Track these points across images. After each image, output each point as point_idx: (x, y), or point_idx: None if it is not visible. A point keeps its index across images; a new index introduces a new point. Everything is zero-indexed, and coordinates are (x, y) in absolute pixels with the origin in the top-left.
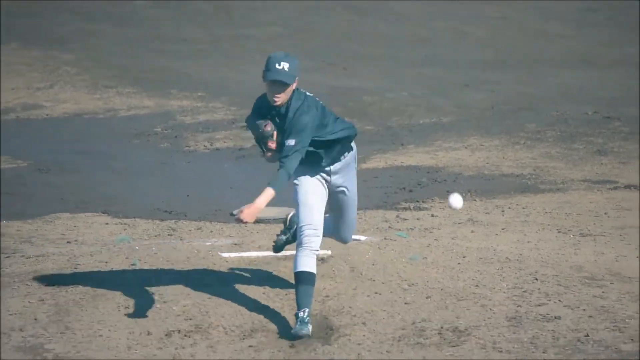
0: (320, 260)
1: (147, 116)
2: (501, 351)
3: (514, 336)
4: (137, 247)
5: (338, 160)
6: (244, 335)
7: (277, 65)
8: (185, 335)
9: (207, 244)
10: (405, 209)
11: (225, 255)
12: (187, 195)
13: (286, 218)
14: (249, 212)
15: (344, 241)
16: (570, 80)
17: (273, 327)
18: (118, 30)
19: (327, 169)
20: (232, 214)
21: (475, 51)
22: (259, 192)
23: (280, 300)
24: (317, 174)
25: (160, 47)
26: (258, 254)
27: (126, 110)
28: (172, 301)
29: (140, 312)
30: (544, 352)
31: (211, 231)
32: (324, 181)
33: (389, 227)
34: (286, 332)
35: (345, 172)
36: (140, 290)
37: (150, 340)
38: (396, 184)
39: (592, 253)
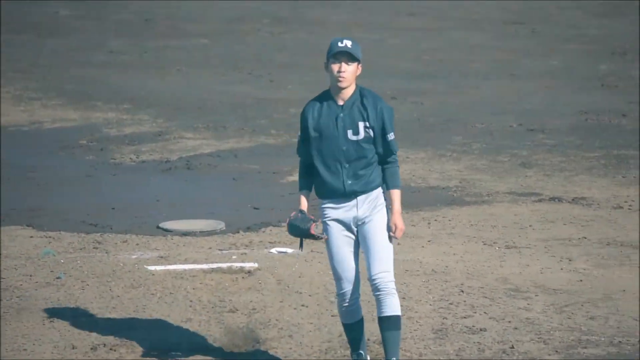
0: (247, 273)
1: (73, 128)
2: None
3: (440, 348)
4: (62, 261)
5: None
6: (170, 349)
7: (339, 43)
8: (110, 349)
9: (133, 257)
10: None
11: (152, 268)
12: (113, 208)
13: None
14: (400, 221)
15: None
16: (495, 92)
17: (199, 340)
18: (42, 41)
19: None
20: (390, 235)
21: (399, 63)
22: (187, 204)
23: (207, 314)
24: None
25: (86, 59)
26: (184, 267)
27: (51, 123)
28: (98, 315)
29: (65, 325)
30: None
31: (137, 244)
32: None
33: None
34: (212, 345)
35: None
36: (66, 303)
37: (75, 354)
38: None
39: (517, 265)
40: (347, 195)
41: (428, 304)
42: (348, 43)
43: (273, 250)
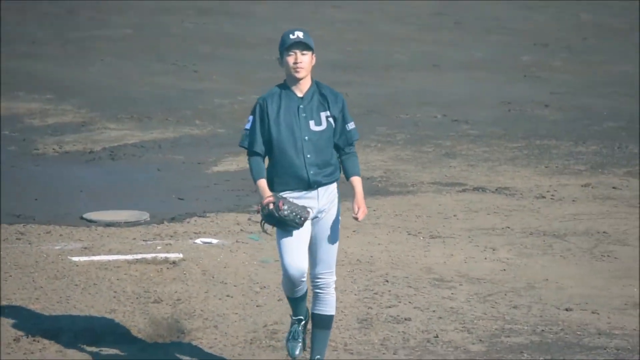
0: (172, 263)
1: None
2: (352, 353)
3: (365, 338)
4: None
5: None
6: (95, 339)
7: (291, 35)
8: (34, 340)
9: (57, 247)
10: (257, 211)
11: (75, 259)
12: (36, 199)
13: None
14: (364, 204)
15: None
16: (419, 83)
17: (123, 330)
18: None
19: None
20: (355, 218)
21: (323, 54)
22: (111, 195)
23: (131, 304)
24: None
25: (8, 50)
26: (108, 258)
27: None
28: (21, 306)
29: None
30: (394, 354)
31: (61, 235)
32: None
33: (241, 230)
34: (137, 335)
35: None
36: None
37: None
38: (248, 187)
39: (441, 255)
40: (310, 186)
41: (353, 294)
42: (300, 34)
43: (198, 240)
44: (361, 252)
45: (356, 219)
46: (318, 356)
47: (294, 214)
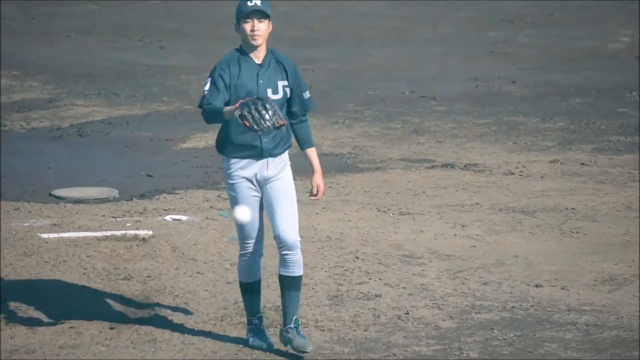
0: (142, 240)
1: None
2: (323, 329)
3: (336, 314)
4: None
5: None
6: (65, 318)
7: (249, 2)
8: (4, 318)
9: (26, 224)
10: (225, 188)
11: (45, 236)
12: (4, 176)
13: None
14: (322, 181)
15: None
16: (386, 60)
17: (94, 308)
18: None
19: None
20: (311, 196)
21: (290, 31)
22: (79, 172)
23: (101, 281)
24: None
25: None
26: (78, 235)
27: None
28: None
29: None
30: (365, 330)
31: (29, 212)
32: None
33: (210, 206)
34: (107, 312)
35: None
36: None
37: None
38: (217, 164)
39: (411, 231)
40: (262, 155)
41: (323, 271)
42: (257, 2)
43: (167, 217)
44: (331, 229)
45: (315, 197)
46: (295, 316)
47: (275, 113)
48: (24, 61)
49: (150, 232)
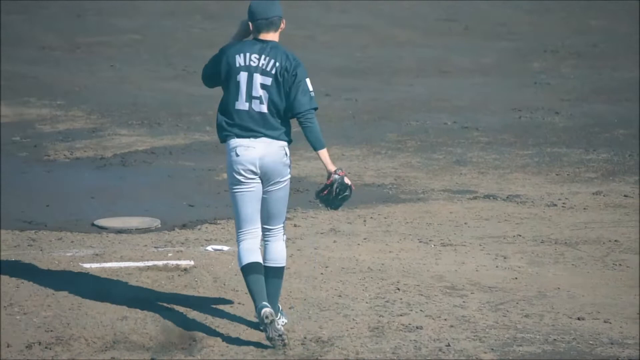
0: (183, 270)
1: (5, 125)
2: None
3: (377, 346)
4: None
5: None
6: (106, 347)
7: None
8: (46, 347)
9: (68, 254)
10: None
11: (87, 265)
12: (47, 205)
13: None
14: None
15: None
16: (428, 89)
17: (135, 338)
18: None
19: None
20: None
21: (332, 60)
22: (122, 201)
23: (143, 311)
24: None
25: (17, 55)
26: (119, 265)
27: None
28: (33, 313)
29: None
30: None
31: (72, 241)
32: None
33: None
34: (148, 343)
35: None
36: (0, 301)
37: (10, 353)
38: None
39: (452, 263)
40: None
41: (364, 302)
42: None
43: (209, 247)
44: (372, 260)
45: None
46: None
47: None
48: (68, 91)
49: (192, 263)
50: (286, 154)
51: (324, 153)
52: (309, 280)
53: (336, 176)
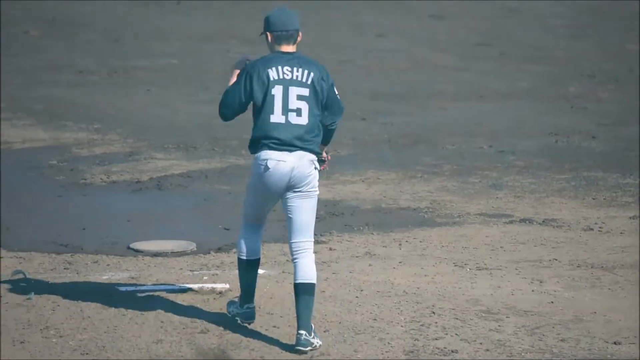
0: (219, 294)
1: (43, 149)
2: None
3: None
4: (33, 281)
5: None
6: None
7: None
8: None
9: (104, 277)
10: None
11: (122, 289)
12: (84, 229)
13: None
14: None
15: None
16: (464, 113)
17: None
18: (10, 60)
19: None
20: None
21: (367, 84)
22: (158, 225)
23: (178, 334)
24: None
25: (54, 79)
26: (155, 288)
27: (21, 143)
28: (69, 335)
29: (36, 347)
30: None
31: (108, 265)
32: None
33: (287, 260)
34: None
35: None
36: (37, 324)
37: None
38: None
39: (488, 287)
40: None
41: (399, 326)
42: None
43: None
44: (407, 283)
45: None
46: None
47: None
48: (105, 115)
49: (227, 286)
50: (316, 167)
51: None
52: (344, 303)
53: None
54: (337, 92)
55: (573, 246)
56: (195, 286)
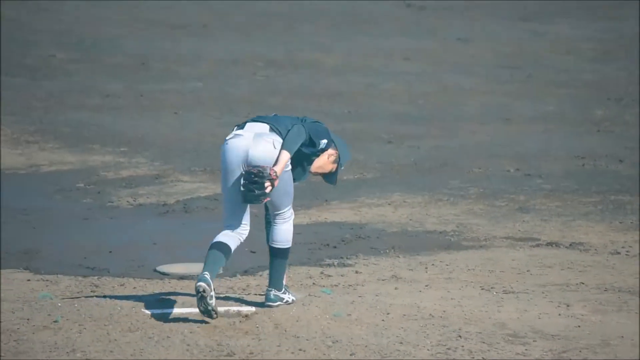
0: (244, 317)
1: (70, 172)
2: None
3: None
4: (59, 304)
5: None
6: None
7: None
8: None
9: (130, 300)
10: (329, 265)
11: (149, 312)
12: (110, 252)
13: None
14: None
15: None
16: (490, 136)
17: None
18: (37, 84)
19: None
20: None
21: (394, 106)
22: (184, 248)
23: (204, 357)
24: None
25: (81, 102)
26: (181, 311)
27: (48, 166)
28: (95, 358)
29: None
30: None
31: (134, 287)
32: None
33: (313, 283)
34: None
35: None
36: (63, 347)
37: None
38: (320, 240)
39: (515, 310)
40: None
41: (426, 349)
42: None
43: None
44: (434, 306)
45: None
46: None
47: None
48: (132, 138)
49: (253, 309)
50: (274, 146)
51: (285, 155)
52: (370, 327)
53: (267, 170)
54: (322, 132)
55: (600, 270)
56: (221, 309)
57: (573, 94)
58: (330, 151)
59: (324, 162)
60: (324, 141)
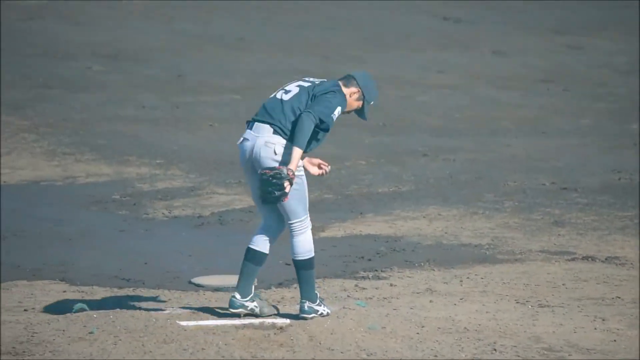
0: (279, 329)
1: (106, 183)
2: None
3: None
4: (95, 315)
5: None
6: None
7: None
8: None
9: (165, 312)
10: (364, 277)
11: (184, 323)
12: (145, 263)
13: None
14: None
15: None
16: (526, 150)
17: None
18: (74, 96)
19: None
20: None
21: (429, 120)
22: (219, 260)
23: None
24: None
25: (117, 114)
26: (216, 322)
27: (84, 177)
28: None
29: None
30: None
31: (169, 299)
32: None
33: (348, 296)
34: None
35: None
36: (99, 359)
37: None
38: (355, 253)
39: (550, 324)
40: None
41: None
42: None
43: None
44: (468, 320)
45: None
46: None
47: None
48: (168, 150)
49: (288, 321)
50: (275, 152)
51: (297, 152)
52: (405, 340)
53: (284, 170)
54: (331, 102)
55: (636, 284)
56: (256, 321)
57: (609, 108)
58: (353, 89)
59: (348, 101)
60: (336, 112)
